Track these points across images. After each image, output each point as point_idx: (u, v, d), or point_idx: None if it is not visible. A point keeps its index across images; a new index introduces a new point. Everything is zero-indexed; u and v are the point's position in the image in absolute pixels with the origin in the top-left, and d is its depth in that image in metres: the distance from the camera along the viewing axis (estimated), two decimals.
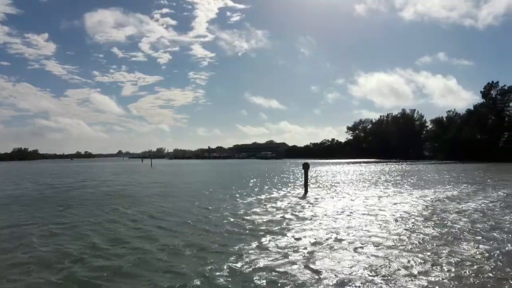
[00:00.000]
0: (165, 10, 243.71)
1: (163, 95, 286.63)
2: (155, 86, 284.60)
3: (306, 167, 21.89)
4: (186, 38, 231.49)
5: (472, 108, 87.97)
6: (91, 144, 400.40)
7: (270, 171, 45.83)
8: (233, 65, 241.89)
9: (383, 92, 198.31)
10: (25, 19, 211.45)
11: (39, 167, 72.21)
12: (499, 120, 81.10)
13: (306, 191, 20.73)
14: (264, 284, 5.95)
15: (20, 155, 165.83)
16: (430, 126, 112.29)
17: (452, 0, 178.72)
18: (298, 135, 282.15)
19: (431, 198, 16.78)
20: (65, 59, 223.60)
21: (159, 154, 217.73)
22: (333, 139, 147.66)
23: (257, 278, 6.20)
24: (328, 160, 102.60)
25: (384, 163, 72.66)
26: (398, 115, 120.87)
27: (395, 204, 15.07)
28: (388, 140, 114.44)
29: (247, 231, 9.88)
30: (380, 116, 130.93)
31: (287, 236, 9.26)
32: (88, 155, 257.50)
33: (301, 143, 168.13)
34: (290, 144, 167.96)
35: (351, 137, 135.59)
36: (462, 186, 22.90)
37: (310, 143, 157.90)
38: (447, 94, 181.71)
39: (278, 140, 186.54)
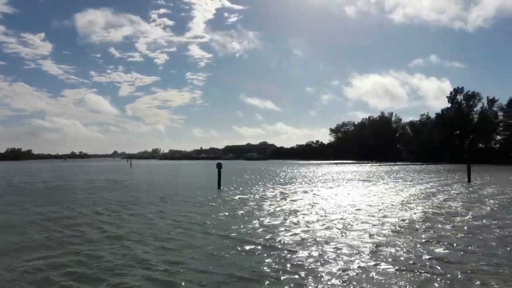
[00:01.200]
0: (162, 11, 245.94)
1: (160, 95, 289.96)
2: (152, 86, 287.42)
3: (219, 166, 26.03)
4: (183, 39, 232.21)
5: (440, 112, 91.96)
6: (88, 145, 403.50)
7: (232, 170, 49.87)
8: (230, 66, 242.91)
9: (378, 93, 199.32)
10: (21, 18, 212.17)
11: (23, 167, 76.14)
12: (465, 124, 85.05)
13: (219, 186, 24.83)
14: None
15: (14, 155, 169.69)
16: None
17: (442, 2, 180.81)
18: (295, 136, 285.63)
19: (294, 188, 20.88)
20: (62, 59, 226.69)
21: (149, 155, 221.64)
22: (317, 141, 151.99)
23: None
24: (305, 161, 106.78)
25: (353, 164, 76.75)
26: (377, 118, 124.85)
27: (266, 194, 19.16)
28: (368, 142, 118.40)
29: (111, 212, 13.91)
30: (362, 119, 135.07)
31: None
32: (83, 156, 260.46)
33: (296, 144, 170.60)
34: (288, 145, 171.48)
35: (334, 139, 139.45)
36: (350, 183, 26.99)
37: (296, 144, 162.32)
38: (441, 96, 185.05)
39: (273, 141, 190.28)
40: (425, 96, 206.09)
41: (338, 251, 7.74)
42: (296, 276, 6.22)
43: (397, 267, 6.61)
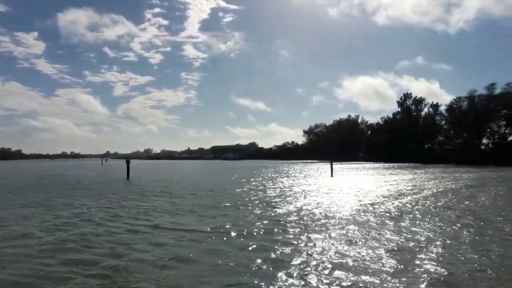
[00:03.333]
0: (157, 10, 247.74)
1: (154, 95, 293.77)
2: (146, 86, 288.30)
3: (128, 162, 33.09)
4: (178, 39, 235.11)
5: (391, 116, 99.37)
6: (81, 145, 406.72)
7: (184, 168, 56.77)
8: (224, 66, 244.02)
9: (368, 95, 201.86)
10: (14, 17, 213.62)
11: (1, 166, 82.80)
12: (412, 127, 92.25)
13: (128, 177, 31.77)
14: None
15: (2, 155, 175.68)
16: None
17: (423, 5, 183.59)
18: (289, 136, 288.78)
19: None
20: (55, 58, 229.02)
21: (137, 155, 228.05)
22: (293, 142, 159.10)
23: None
24: (272, 161, 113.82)
25: (310, 164, 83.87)
26: (345, 120, 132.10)
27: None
28: (334, 143, 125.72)
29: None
30: (334, 120, 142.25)
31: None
32: (74, 156, 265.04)
33: None
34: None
35: (307, 140, 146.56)
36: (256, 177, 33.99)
37: (274, 145, 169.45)
38: (430, 98, 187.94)
39: (267, 142, 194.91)
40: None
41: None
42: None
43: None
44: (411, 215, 11.37)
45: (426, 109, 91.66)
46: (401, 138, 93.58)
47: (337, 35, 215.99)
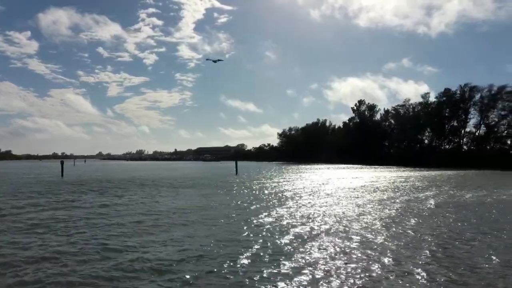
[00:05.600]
0: (151, 10, 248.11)
1: (149, 96, 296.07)
2: (141, 87, 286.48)
3: (62, 163, 40.29)
4: (173, 39, 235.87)
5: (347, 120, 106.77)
6: (74, 146, 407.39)
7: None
8: (218, 67, 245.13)
9: (357, 96, 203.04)
10: (7, 16, 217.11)
11: None
12: (365, 131, 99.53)
13: (62, 175, 38.82)
14: None
15: None
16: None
17: (404, 8, 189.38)
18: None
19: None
20: (49, 58, 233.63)
21: (126, 156, 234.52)
22: (269, 144, 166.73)
23: None
24: (243, 162, 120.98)
25: (271, 164, 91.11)
26: (314, 124, 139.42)
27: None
28: (304, 145, 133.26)
29: None
30: (306, 124, 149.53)
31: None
32: (64, 157, 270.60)
33: None
34: None
35: (281, 143, 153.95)
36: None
37: (253, 147, 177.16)
38: (420, 99, 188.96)
39: (260, 143, 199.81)
40: (405, 99, 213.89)
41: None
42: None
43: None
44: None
45: (378, 115, 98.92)
46: (356, 141, 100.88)
47: (324, 38, 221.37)
